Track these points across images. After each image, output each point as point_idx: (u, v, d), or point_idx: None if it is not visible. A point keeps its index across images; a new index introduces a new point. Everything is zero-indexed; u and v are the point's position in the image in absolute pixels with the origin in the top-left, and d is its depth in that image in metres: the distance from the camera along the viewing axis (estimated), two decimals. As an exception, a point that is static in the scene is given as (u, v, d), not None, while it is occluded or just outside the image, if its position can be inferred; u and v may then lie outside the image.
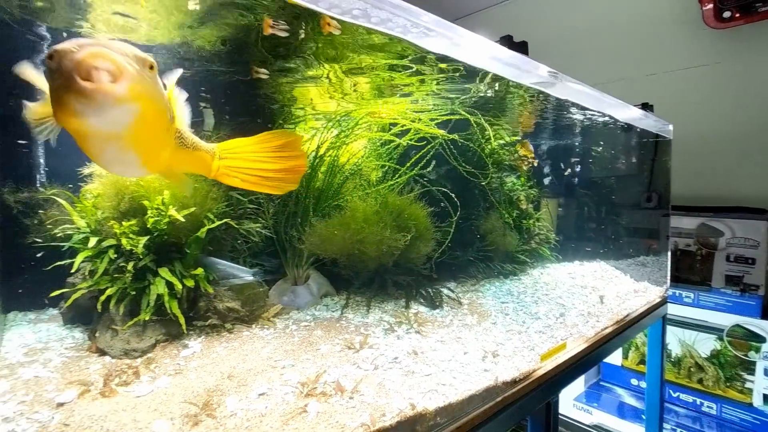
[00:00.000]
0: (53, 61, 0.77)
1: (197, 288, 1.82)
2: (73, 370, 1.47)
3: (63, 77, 0.76)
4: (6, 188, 1.88)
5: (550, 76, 2.07)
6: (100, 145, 0.89)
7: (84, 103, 0.77)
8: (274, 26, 1.38)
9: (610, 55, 4.61)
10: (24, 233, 1.87)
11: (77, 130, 0.84)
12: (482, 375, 1.60)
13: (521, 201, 3.22)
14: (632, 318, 2.73)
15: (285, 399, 1.32)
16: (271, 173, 1.19)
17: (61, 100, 0.78)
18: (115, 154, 0.93)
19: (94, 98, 0.76)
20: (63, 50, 0.76)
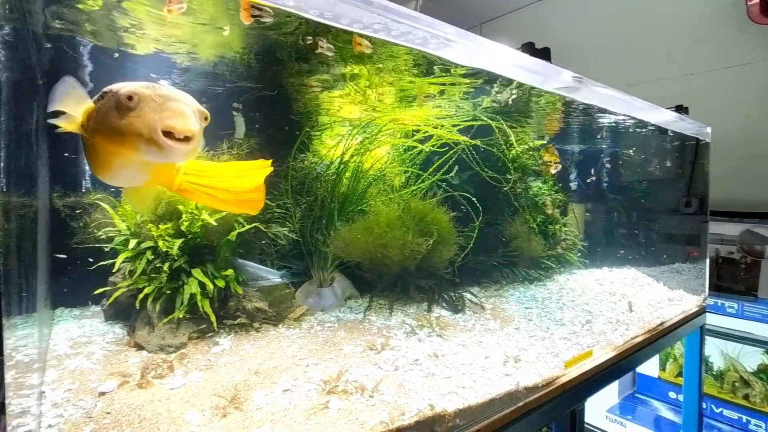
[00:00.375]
0: (132, 102, 0.85)
1: (227, 288, 1.91)
2: (114, 363, 1.57)
3: (142, 122, 0.85)
4: (55, 193, 2.02)
5: (574, 81, 2.06)
6: (125, 167, 0.97)
7: (154, 152, 0.86)
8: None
9: (645, 56, 4.45)
10: (70, 235, 2.01)
11: (117, 155, 0.93)
12: (503, 379, 1.61)
13: (547, 206, 3.19)
14: (666, 327, 2.65)
15: (308, 395, 1.38)
16: (228, 196, 1.22)
17: (127, 136, 0.86)
18: (131, 176, 1.02)
19: (166, 152, 0.87)
20: (145, 96, 0.86)
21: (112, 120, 0.88)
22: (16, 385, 1.26)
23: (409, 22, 1.29)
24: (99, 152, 0.95)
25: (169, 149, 0.87)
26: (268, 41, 1.64)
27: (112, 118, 0.88)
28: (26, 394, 1.29)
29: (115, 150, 0.92)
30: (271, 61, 1.85)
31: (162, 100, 0.87)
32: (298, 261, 2.39)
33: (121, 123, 0.87)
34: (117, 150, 0.92)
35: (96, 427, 1.18)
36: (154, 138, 0.85)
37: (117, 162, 0.96)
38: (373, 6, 1.24)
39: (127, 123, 0.86)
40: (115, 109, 0.87)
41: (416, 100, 2.35)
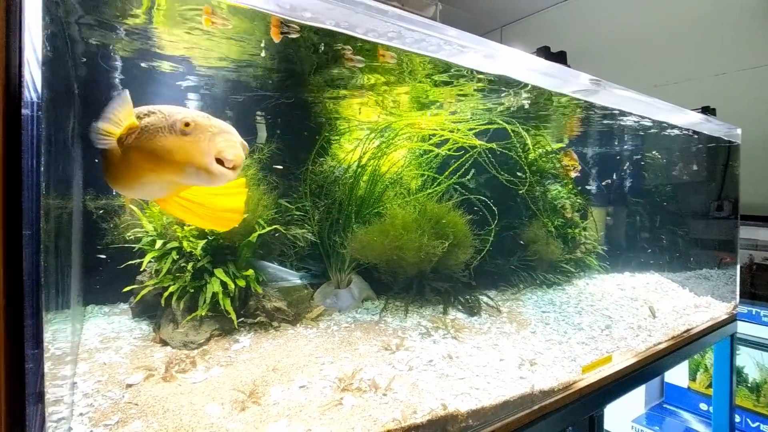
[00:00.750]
0: (188, 128, 0.92)
1: (248, 288, 1.97)
2: (140, 357, 1.65)
3: (197, 148, 0.91)
4: (87, 196, 2.13)
5: (592, 84, 2.06)
6: (151, 184, 1.01)
7: (202, 176, 0.93)
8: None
9: (672, 56, 4.33)
10: (101, 236, 2.11)
11: (150, 172, 0.98)
12: (518, 382, 1.61)
13: (566, 209, 3.16)
14: (692, 334, 2.58)
15: (323, 392, 1.42)
16: (203, 211, 1.25)
17: (177, 158, 0.92)
18: (151, 191, 1.06)
19: (213, 178, 0.93)
20: (201, 124, 0.93)
21: (162, 141, 0.94)
22: (51, 375, 1.34)
23: (423, 30, 1.33)
24: (130, 166, 1.00)
25: (219, 175, 0.94)
26: (295, 53, 1.70)
27: (162, 139, 0.94)
28: (60, 384, 1.37)
29: (153, 167, 0.97)
30: (294, 71, 1.92)
31: (216, 130, 0.95)
32: (317, 263, 2.45)
33: (173, 145, 0.93)
34: (155, 168, 0.97)
35: (123, 416, 1.24)
36: (207, 164, 0.92)
37: (147, 178, 1.00)
38: (387, 15, 1.28)
39: (180, 146, 0.92)
40: (168, 131, 0.94)
41: (441, 106, 2.38)
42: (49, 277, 1.16)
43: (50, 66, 1.13)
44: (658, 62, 4.44)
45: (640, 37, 4.57)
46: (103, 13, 1.35)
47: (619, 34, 4.74)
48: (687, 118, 2.94)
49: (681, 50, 4.30)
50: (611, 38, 4.77)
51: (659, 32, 4.44)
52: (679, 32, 4.31)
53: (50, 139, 1.14)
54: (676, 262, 3.67)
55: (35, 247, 0.72)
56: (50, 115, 1.12)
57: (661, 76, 4.35)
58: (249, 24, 1.43)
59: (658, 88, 4.35)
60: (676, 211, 3.84)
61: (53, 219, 1.23)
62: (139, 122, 0.97)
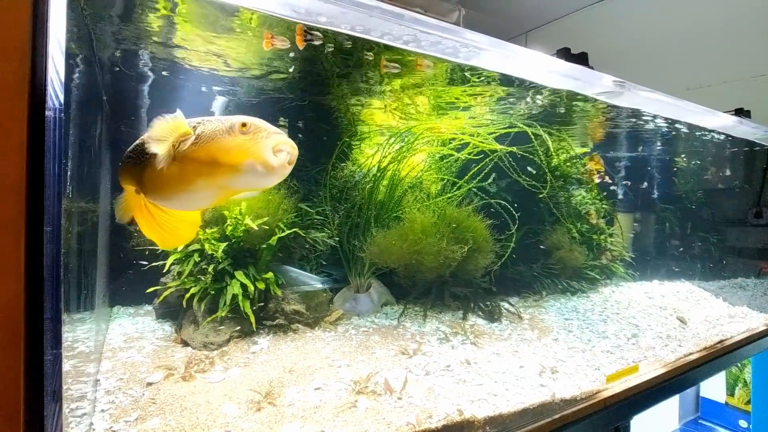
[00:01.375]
0: (246, 128, 0.99)
1: (268, 291, 2.00)
2: (161, 357, 1.69)
3: (256, 145, 0.98)
4: (115, 199, 2.20)
5: (615, 86, 2.01)
6: (201, 192, 1.06)
7: (259, 171, 0.98)
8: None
9: (705, 58, 4.17)
10: (127, 238, 2.17)
11: (203, 177, 1.02)
12: (538, 390, 1.57)
13: (590, 215, 3.07)
14: (726, 345, 2.47)
15: (338, 394, 1.41)
16: (157, 227, 1.29)
17: (236, 155, 0.98)
18: (197, 200, 1.10)
19: (272, 172, 0.99)
20: (257, 125, 1.00)
21: (222, 142, 0.99)
22: (75, 373, 1.38)
23: (438, 33, 1.32)
24: (183, 173, 1.03)
25: (279, 168, 1.00)
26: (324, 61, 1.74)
27: (221, 141, 0.99)
28: (84, 381, 1.42)
29: (210, 171, 1.01)
30: (320, 76, 1.94)
31: (271, 131, 1.02)
32: (337, 267, 2.46)
33: (233, 145, 0.98)
34: (212, 171, 1.01)
35: (142, 413, 1.27)
36: (267, 158, 0.98)
37: (199, 184, 1.04)
38: (403, 19, 1.28)
39: (240, 145, 0.98)
40: (227, 132, 1.00)
41: (468, 108, 2.36)
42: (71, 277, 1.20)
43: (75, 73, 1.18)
44: (689, 65, 4.29)
45: (669, 40, 4.43)
46: (143, 29, 1.40)
47: (647, 38, 4.60)
48: (719, 120, 2.83)
49: (714, 53, 4.14)
50: (639, 42, 4.64)
51: (689, 35, 4.29)
52: (711, 34, 4.15)
53: (75, 143, 1.19)
54: (708, 271, 3.52)
55: (56, 245, 0.74)
56: (75, 119, 1.17)
57: (694, 80, 4.20)
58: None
59: (691, 91, 4.20)
60: (709, 217, 3.69)
61: (77, 220, 1.27)
62: (193, 131, 1.02)
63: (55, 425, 0.77)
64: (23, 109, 0.70)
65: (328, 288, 2.35)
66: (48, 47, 0.75)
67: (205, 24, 1.41)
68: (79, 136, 1.31)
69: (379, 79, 1.95)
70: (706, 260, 3.61)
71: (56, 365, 0.75)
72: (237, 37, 1.49)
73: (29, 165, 0.72)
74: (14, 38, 0.69)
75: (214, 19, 1.37)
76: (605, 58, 1.85)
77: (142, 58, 1.74)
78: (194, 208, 1.18)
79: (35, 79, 0.74)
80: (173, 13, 1.34)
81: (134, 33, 1.48)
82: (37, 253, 0.72)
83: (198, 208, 1.19)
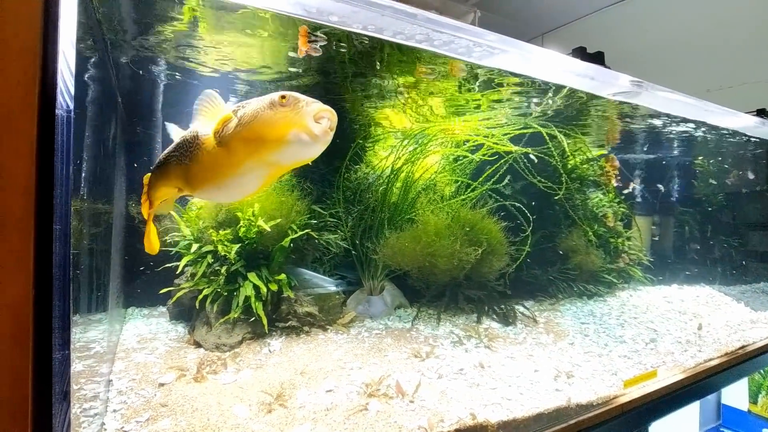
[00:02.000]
0: (285, 100, 1.01)
1: (280, 292, 1.99)
2: (174, 358, 1.69)
3: (298, 114, 1.00)
4: (131, 202, 2.22)
5: (632, 86, 1.97)
6: (249, 174, 1.08)
7: (303, 140, 0.99)
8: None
9: (726, 59, 4.06)
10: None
11: (251, 157, 1.04)
12: (553, 394, 1.54)
13: (608, 218, 3.01)
14: (748, 351, 2.40)
15: (349, 397, 1.40)
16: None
17: (280, 127, 1.00)
18: (246, 184, 1.12)
19: (317, 139, 1.01)
20: (295, 96, 1.02)
21: (264, 117, 1.02)
22: (88, 373, 1.39)
23: (451, 32, 1.31)
24: (230, 156, 1.06)
25: (321, 136, 1.01)
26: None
27: (263, 117, 1.02)
28: (97, 381, 1.43)
29: (256, 148, 1.03)
30: (335, 77, 1.94)
31: (309, 100, 1.03)
32: (350, 270, 2.44)
33: (276, 117, 1.01)
34: (258, 147, 1.03)
35: (153, 414, 1.27)
36: (310, 126, 1.00)
37: (247, 165, 1.07)
38: (416, 18, 1.27)
39: (282, 116, 1.00)
40: (269, 108, 1.02)
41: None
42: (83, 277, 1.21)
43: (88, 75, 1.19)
44: (709, 68, 4.19)
45: (688, 42, 4.33)
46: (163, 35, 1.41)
47: (666, 40, 4.51)
48: (740, 121, 2.76)
49: (734, 54, 4.04)
50: (657, 43, 4.55)
51: (709, 37, 4.19)
52: (732, 35, 4.05)
53: (90, 143, 1.20)
54: (729, 275, 3.43)
55: (65, 245, 0.74)
56: (88, 119, 1.18)
57: (714, 81, 4.10)
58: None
59: (711, 93, 4.11)
60: (730, 220, 3.59)
61: (90, 221, 1.28)
62: (234, 115, 1.05)
63: (64, 425, 0.77)
64: (34, 108, 0.70)
65: (342, 290, 2.34)
66: (59, 46, 0.75)
67: (226, 29, 1.42)
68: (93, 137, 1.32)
69: (412, 83, 1.94)
70: (727, 264, 3.51)
71: (64, 366, 0.75)
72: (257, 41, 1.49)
73: (39, 164, 0.72)
74: (25, 37, 0.69)
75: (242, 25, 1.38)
76: (624, 60, 1.81)
77: (157, 62, 1.76)
78: (242, 195, 1.21)
79: (46, 78, 0.74)
80: (194, 25, 1.35)
81: (153, 39, 1.49)
82: (46, 253, 0.72)
83: (245, 195, 1.20)
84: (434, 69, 1.76)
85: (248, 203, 2.04)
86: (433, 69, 1.77)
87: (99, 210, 1.45)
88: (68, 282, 0.75)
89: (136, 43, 1.54)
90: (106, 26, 1.35)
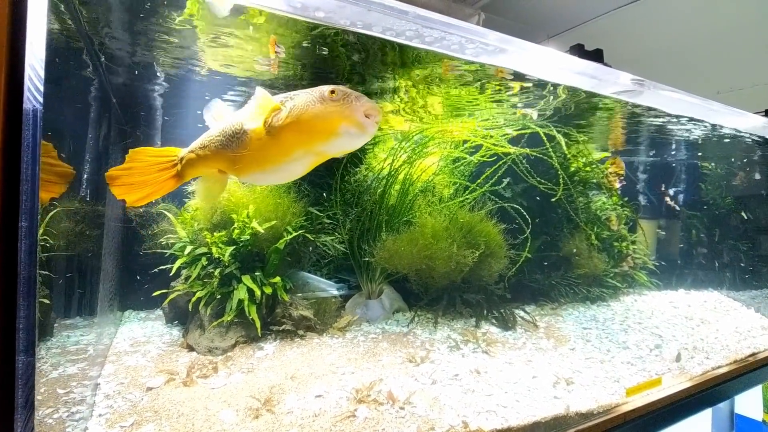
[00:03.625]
0: (335, 95, 1.06)
1: (275, 295, 1.97)
2: (165, 362, 1.67)
3: (349, 108, 1.05)
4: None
5: (634, 84, 1.92)
6: (297, 160, 1.13)
7: (353, 132, 1.05)
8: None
9: (736, 61, 3.99)
10: (140, 242, 2.18)
11: (300, 145, 1.09)
12: (551, 402, 1.49)
13: (611, 221, 2.95)
14: (759, 359, 2.32)
15: (339, 402, 1.36)
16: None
17: (332, 119, 1.05)
18: (292, 169, 1.16)
19: (365, 131, 1.06)
20: (345, 91, 1.07)
21: (316, 110, 1.06)
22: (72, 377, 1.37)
23: (441, 28, 1.28)
24: (281, 144, 1.11)
25: (369, 128, 1.07)
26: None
27: (315, 109, 1.06)
28: (85, 384, 1.41)
29: (307, 137, 1.09)
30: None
31: (357, 95, 1.07)
32: (350, 273, 2.41)
33: (327, 111, 1.06)
34: (309, 137, 1.09)
35: (138, 418, 1.25)
36: (360, 119, 1.05)
37: (298, 152, 1.12)
38: (406, 15, 1.24)
39: (333, 110, 1.05)
40: (319, 101, 1.06)
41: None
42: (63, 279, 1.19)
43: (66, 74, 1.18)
44: (720, 69, 4.12)
45: (697, 44, 4.27)
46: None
47: (675, 42, 4.44)
48: (747, 121, 2.70)
49: (745, 56, 3.97)
50: (665, 47, 4.48)
51: (720, 38, 4.12)
52: (741, 37, 3.98)
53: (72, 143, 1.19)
54: (739, 280, 3.34)
55: (32, 243, 0.72)
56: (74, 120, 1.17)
57: (725, 83, 4.03)
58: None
59: (722, 95, 4.03)
60: (739, 224, 3.50)
61: (73, 222, 1.27)
62: (282, 106, 1.09)
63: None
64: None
65: (341, 294, 2.32)
66: (27, 47, 0.73)
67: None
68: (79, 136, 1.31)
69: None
70: (737, 269, 3.42)
71: (29, 370, 0.72)
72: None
73: (5, 160, 0.71)
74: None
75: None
76: (632, 62, 1.77)
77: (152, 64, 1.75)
78: (286, 180, 1.24)
79: (13, 77, 0.73)
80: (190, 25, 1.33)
81: (144, 42, 1.48)
82: (10, 250, 0.70)
83: (290, 179, 1.27)
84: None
85: (243, 205, 2.02)
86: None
87: (86, 210, 1.44)
88: (34, 282, 0.73)
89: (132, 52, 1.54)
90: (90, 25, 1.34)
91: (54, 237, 1.38)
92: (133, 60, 1.68)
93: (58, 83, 1.10)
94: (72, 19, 1.19)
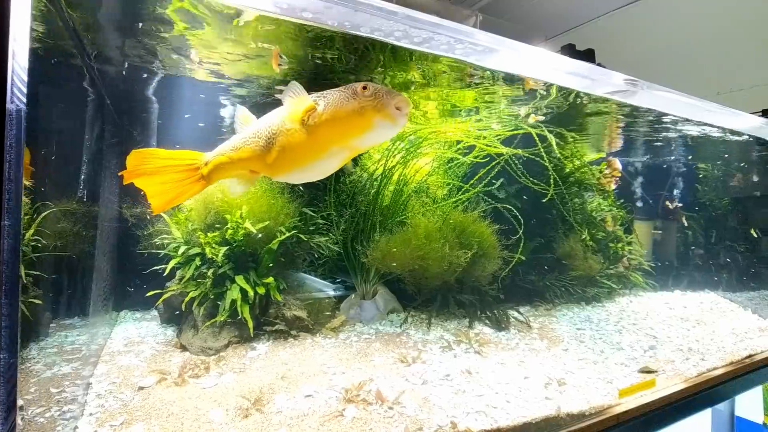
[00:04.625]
0: (366, 90, 1.09)
1: (269, 296, 1.97)
2: (158, 361, 1.68)
3: (381, 102, 1.08)
4: (125, 204, 2.22)
5: (627, 84, 1.92)
6: (332, 157, 1.16)
7: (385, 124, 1.09)
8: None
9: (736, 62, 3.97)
10: (136, 243, 2.19)
11: (335, 140, 1.13)
12: (542, 403, 1.49)
13: (606, 222, 2.94)
14: (756, 361, 2.32)
15: (328, 402, 1.37)
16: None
17: (366, 113, 1.08)
18: (326, 166, 1.20)
19: (397, 124, 1.09)
20: (376, 86, 1.10)
21: (350, 106, 1.10)
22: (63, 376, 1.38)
23: (429, 28, 1.29)
24: (317, 141, 1.14)
25: (401, 121, 1.10)
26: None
27: (349, 105, 1.10)
28: (77, 384, 1.42)
29: (343, 133, 1.13)
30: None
31: (386, 90, 1.11)
32: (342, 273, 2.41)
33: (361, 106, 1.09)
34: (345, 133, 1.13)
35: (128, 417, 1.26)
36: (393, 113, 1.09)
37: (334, 148, 1.15)
38: (396, 15, 1.25)
39: (367, 105, 1.09)
40: (352, 97, 1.10)
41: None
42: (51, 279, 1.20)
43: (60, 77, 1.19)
44: (719, 70, 4.11)
45: (697, 44, 4.26)
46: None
47: (674, 43, 4.42)
48: (745, 121, 2.69)
49: (744, 56, 3.96)
50: (666, 47, 4.47)
51: (718, 39, 4.11)
52: (741, 37, 3.97)
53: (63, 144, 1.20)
54: (736, 281, 3.33)
55: (15, 241, 0.73)
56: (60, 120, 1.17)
57: (724, 84, 4.01)
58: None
59: (721, 96, 4.03)
60: (736, 225, 3.49)
61: (65, 223, 1.28)
62: (316, 104, 1.12)
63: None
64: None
65: (336, 295, 2.32)
66: (8, 46, 0.74)
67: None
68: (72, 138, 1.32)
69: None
70: (733, 270, 3.41)
71: (11, 370, 0.73)
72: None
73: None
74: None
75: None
76: (632, 64, 1.76)
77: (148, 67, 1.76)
78: (321, 176, 1.26)
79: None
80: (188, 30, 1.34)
81: (140, 46, 1.49)
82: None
83: (324, 176, 1.27)
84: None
85: (237, 205, 2.03)
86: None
87: (80, 211, 1.45)
88: (17, 280, 0.73)
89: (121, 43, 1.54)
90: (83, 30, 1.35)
91: (48, 237, 1.39)
92: (126, 60, 1.69)
93: (48, 84, 1.11)
94: (61, 20, 1.19)
